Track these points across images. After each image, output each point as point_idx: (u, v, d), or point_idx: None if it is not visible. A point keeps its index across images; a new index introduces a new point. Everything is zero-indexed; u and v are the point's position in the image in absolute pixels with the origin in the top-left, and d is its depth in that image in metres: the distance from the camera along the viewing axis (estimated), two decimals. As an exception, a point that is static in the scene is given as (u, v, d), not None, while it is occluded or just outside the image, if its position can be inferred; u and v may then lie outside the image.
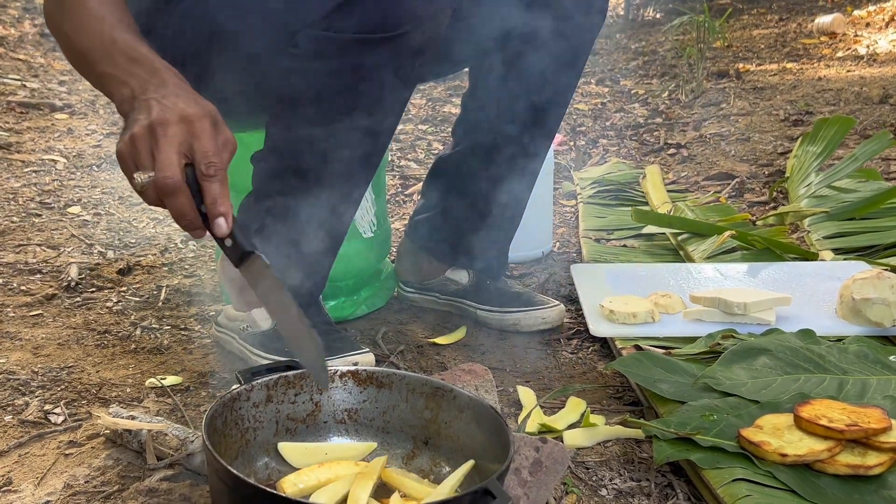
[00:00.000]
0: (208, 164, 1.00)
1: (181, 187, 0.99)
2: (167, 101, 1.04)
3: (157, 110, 1.02)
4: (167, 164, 0.99)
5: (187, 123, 1.02)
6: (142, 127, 1.01)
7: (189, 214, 1.01)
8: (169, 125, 1.01)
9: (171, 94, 1.05)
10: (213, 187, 1.00)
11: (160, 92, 1.06)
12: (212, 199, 1.00)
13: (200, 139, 1.01)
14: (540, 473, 1.11)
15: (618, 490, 1.23)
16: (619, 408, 1.46)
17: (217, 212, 1.00)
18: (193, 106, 1.04)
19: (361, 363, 1.45)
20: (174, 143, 1.00)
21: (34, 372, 1.54)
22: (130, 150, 1.02)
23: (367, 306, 1.82)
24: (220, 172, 1.00)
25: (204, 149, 1.01)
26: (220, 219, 1.00)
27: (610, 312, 1.67)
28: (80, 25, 1.16)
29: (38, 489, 1.20)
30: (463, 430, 1.04)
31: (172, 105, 1.03)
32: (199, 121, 1.03)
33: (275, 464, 1.05)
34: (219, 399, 0.99)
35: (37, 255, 2.15)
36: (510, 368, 1.61)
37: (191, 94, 1.07)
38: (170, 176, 0.98)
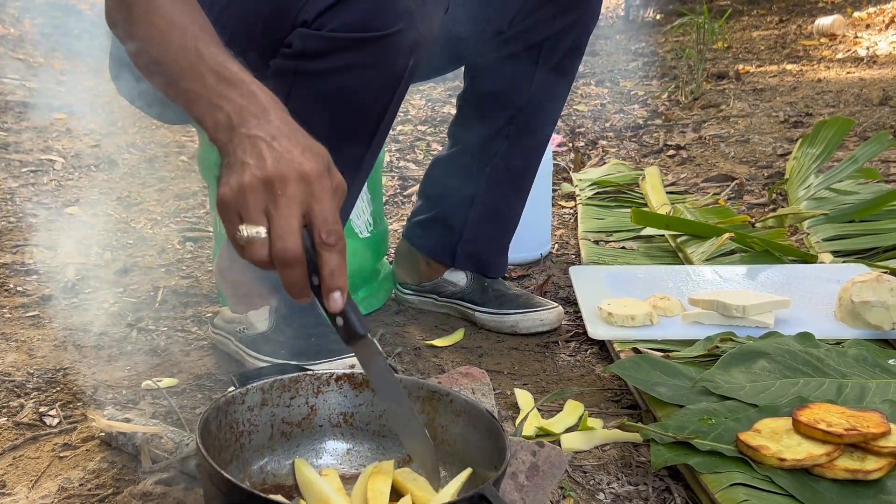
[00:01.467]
0: (329, 233, 0.89)
1: (301, 259, 0.89)
2: (280, 145, 0.92)
3: (271, 160, 0.90)
4: (288, 233, 0.88)
5: (308, 182, 0.90)
6: (255, 178, 0.90)
7: (301, 285, 0.91)
8: (288, 183, 0.89)
9: (283, 136, 0.93)
10: (332, 258, 0.90)
11: (266, 129, 0.94)
12: (329, 272, 0.90)
13: (323, 203, 0.90)
14: (537, 478, 1.10)
15: (615, 494, 1.22)
16: (617, 411, 1.45)
17: (334, 285, 0.90)
18: (311, 158, 0.92)
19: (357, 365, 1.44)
20: (294, 206, 0.89)
21: (29, 373, 1.53)
22: (239, 201, 0.90)
23: (364, 308, 1.82)
24: (341, 242, 0.90)
25: (325, 215, 0.90)
26: (336, 293, 0.91)
27: (608, 315, 1.66)
28: (155, 34, 1.03)
29: (32, 492, 1.20)
30: (459, 434, 1.04)
31: (288, 154, 0.91)
32: (319, 180, 0.91)
33: (270, 468, 1.04)
34: (213, 402, 0.99)
35: (34, 255, 2.15)
36: (508, 371, 1.60)
37: (301, 135, 0.95)
38: (290, 248, 0.88)
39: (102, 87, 4.12)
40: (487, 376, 1.27)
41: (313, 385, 1.07)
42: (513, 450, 1.07)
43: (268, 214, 0.89)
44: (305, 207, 0.90)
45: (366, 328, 0.94)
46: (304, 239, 0.90)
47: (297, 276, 0.90)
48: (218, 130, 0.96)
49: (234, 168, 0.92)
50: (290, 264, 0.89)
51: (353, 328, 0.94)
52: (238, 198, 0.90)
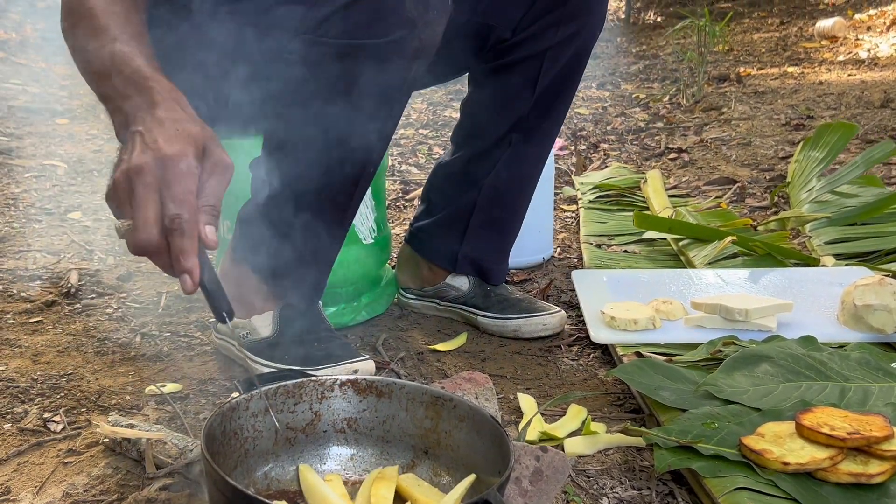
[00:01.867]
0: (171, 219, 0.91)
1: (159, 246, 0.91)
2: (150, 136, 0.94)
3: (137, 152, 0.93)
4: (142, 224, 0.91)
5: (163, 167, 0.92)
6: (122, 172, 0.93)
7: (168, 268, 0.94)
8: (144, 172, 0.92)
9: (157, 126, 0.95)
10: (175, 242, 0.91)
11: (147, 123, 0.96)
12: (175, 256, 0.92)
13: (171, 186, 0.92)
14: (540, 483, 1.10)
15: (619, 498, 1.22)
16: (620, 415, 1.45)
17: (180, 269, 0.92)
18: (175, 142, 0.94)
19: (362, 371, 1.45)
20: (150, 197, 0.92)
21: (33, 379, 1.54)
22: (112, 197, 0.95)
23: (367, 312, 1.82)
24: (183, 223, 0.91)
25: (173, 197, 0.92)
26: (184, 276, 0.93)
27: (611, 319, 1.66)
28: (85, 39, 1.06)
29: (36, 498, 1.20)
30: (463, 439, 1.04)
31: (153, 144, 0.93)
32: (174, 163, 0.92)
33: (274, 474, 1.04)
34: (217, 408, 0.99)
35: (37, 261, 2.15)
36: (511, 375, 1.60)
37: (177, 118, 0.97)
38: (144, 238, 0.91)
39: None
40: (490, 381, 1.27)
41: (317, 391, 1.08)
42: (516, 455, 1.07)
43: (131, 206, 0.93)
44: (162, 196, 0.92)
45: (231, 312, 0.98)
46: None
47: (165, 263, 0.94)
48: (120, 132, 1.00)
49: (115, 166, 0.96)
50: (150, 253, 0.93)
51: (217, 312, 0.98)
52: (111, 194, 0.95)
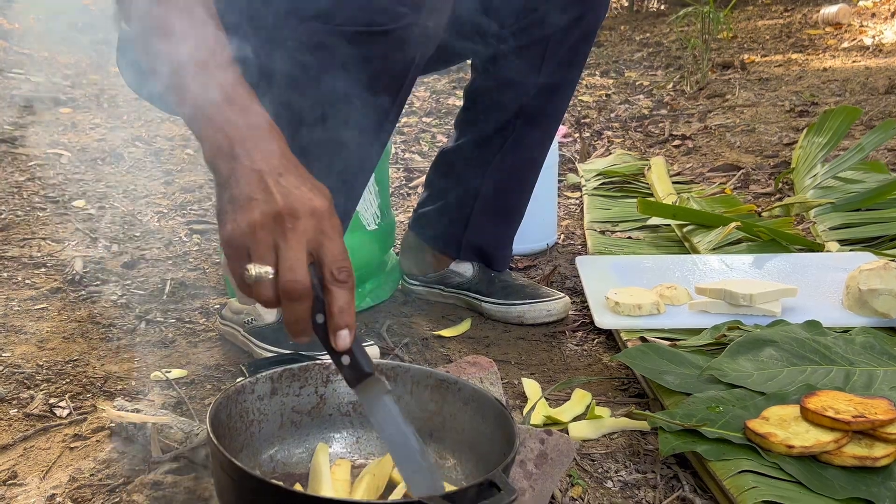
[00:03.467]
0: (340, 269, 0.88)
1: (309, 294, 0.87)
2: (286, 181, 0.90)
3: (280, 196, 0.88)
4: (297, 266, 0.86)
5: (318, 218, 0.89)
6: (265, 215, 0.87)
7: (305, 321, 0.89)
8: (299, 219, 0.88)
9: (289, 172, 0.91)
10: (342, 295, 0.88)
11: (270, 163, 0.91)
12: (339, 309, 0.88)
13: (333, 239, 0.89)
14: (545, 465, 1.10)
15: (623, 482, 1.23)
16: (625, 400, 1.45)
17: (343, 323, 0.88)
18: (319, 196, 0.90)
19: (366, 356, 1.45)
20: (303, 241, 0.87)
21: (39, 365, 1.54)
22: (248, 239, 0.87)
23: (371, 299, 1.82)
24: (351, 279, 0.89)
25: (336, 251, 0.89)
26: (344, 331, 0.89)
27: (615, 304, 1.66)
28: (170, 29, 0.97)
29: (43, 482, 1.20)
30: (468, 422, 1.04)
31: (297, 190, 0.89)
32: (329, 217, 0.90)
33: (280, 456, 1.05)
34: (223, 392, 0.99)
35: (41, 248, 2.16)
36: (515, 361, 1.61)
37: (305, 173, 0.93)
38: (299, 281, 0.86)
39: (108, 81, 4.12)
40: (495, 365, 1.27)
41: (322, 374, 1.08)
42: (521, 437, 1.08)
43: (276, 249, 0.87)
44: (315, 244, 0.89)
45: (372, 367, 0.92)
46: (312, 276, 0.88)
47: (302, 312, 0.88)
48: (217, 155, 0.92)
49: (239, 203, 0.89)
50: (297, 298, 0.87)
51: (360, 366, 0.91)
52: (247, 235, 0.88)
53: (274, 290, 0.87)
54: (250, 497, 0.85)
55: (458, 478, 1.03)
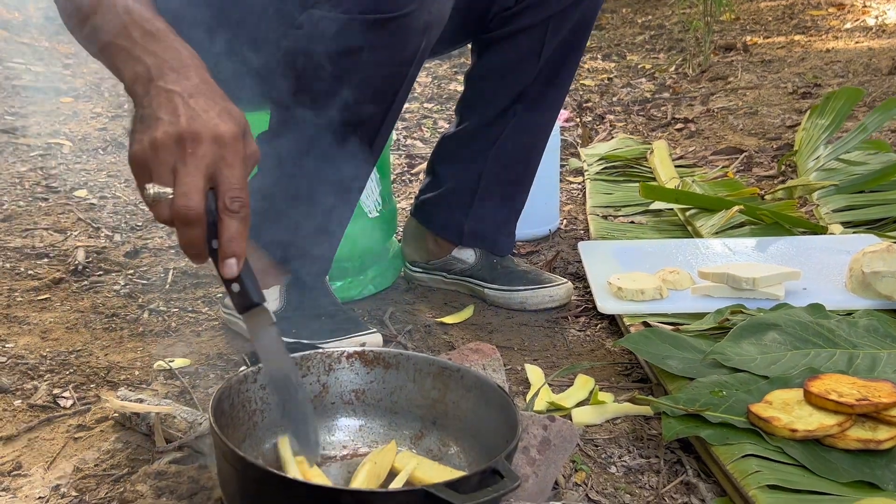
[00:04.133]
0: (233, 199, 0.89)
1: (200, 220, 0.89)
2: (196, 103, 0.91)
3: (186, 117, 0.90)
4: (192, 190, 0.88)
5: (220, 145, 0.90)
6: (167, 135, 0.89)
7: (198, 247, 0.91)
8: (200, 142, 0.89)
9: (200, 94, 0.92)
10: (232, 224, 0.90)
11: (183, 85, 0.93)
12: (228, 237, 0.90)
13: (233, 167, 0.90)
14: (548, 452, 1.10)
15: (627, 467, 1.23)
16: (628, 385, 1.45)
17: (230, 251, 0.90)
18: (227, 120, 0.92)
19: (369, 343, 1.45)
20: (202, 166, 0.89)
21: (42, 356, 1.54)
22: (150, 158, 0.90)
23: (373, 286, 1.82)
24: (244, 209, 0.90)
25: (233, 180, 0.90)
26: (231, 259, 0.91)
27: (618, 289, 1.66)
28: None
29: (47, 473, 1.21)
30: (471, 409, 1.04)
31: (204, 113, 0.91)
32: (233, 143, 0.91)
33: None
34: (226, 381, 0.99)
35: (44, 239, 2.16)
36: (518, 347, 1.61)
37: (220, 97, 0.95)
38: (192, 207, 0.88)
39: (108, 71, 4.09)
40: (498, 352, 1.27)
41: (324, 363, 1.08)
42: (524, 424, 1.08)
43: (175, 172, 0.89)
44: (214, 170, 0.90)
45: (261, 296, 0.95)
46: (209, 202, 0.90)
47: (195, 237, 0.90)
48: (135, 82, 0.96)
49: (147, 122, 0.92)
50: (189, 223, 0.89)
51: (248, 295, 0.95)
52: (149, 153, 0.90)
53: (171, 212, 0.89)
54: (253, 486, 0.85)
55: (462, 465, 1.03)
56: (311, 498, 0.82)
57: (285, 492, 0.83)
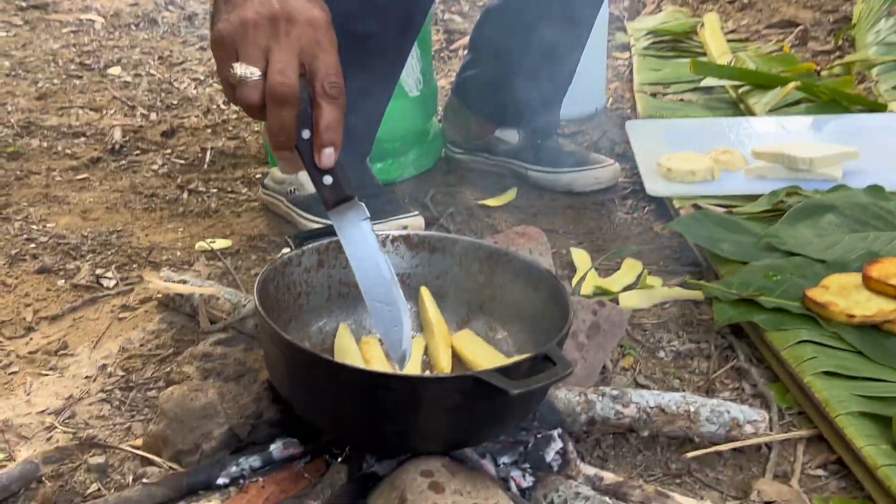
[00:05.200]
0: (332, 84, 0.84)
1: (296, 99, 0.83)
2: None
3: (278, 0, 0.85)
4: (287, 69, 0.82)
5: (315, 28, 0.85)
6: (260, 15, 0.84)
7: (289, 131, 0.85)
8: (295, 24, 0.84)
9: None
10: (332, 111, 0.84)
11: None
12: (326, 125, 0.84)
13: (328, 53, 0.85)
14: (597, 337, 1.08)
15: (676, 352, 1.21)
16: (677, 269, 1.42)
17: (329, 140, 0.85)
18: (317, 6, 0.87)
19: (411, 226, 1.42)
20: (296, 48, 0.84)
21: (83, 236, 1.54)
22: (239, 37, 0.84)
23: (414, 168, 1.78)
24: (343, 97, 0.85)
25: (329, 65, 0.84)
26: (329, 149, 0.85)
27: (667, 171, 1.60)
28: None
29: (94, 352, 1.21)
30: (518, 294, 1.01)
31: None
32: (326, 29, 0.86)
33: (329, 328, 1.03)
34: (270, 264, 0.97)
35: (80, 117, 2.13)
36: (563, 230, 1.57)
37: None
38: (289, 84, 0.82)
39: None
40: (544, 236, 1.24)
41: (369, 246, 1.05)
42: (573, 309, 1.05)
43: (267, 51, 0.84)
44: (309, 55, 0.85)
45: (353, 190, 0.90)
46: (302, 87, 0.84)
47: (287, 119, 0.85)
48: None
49: (235, 2, 0.86)
50: (285, 102, 0.83)
51: (341, 187, 0.89)
52: (238, 32, 0.85)
53: (258, 93, 0.84)
54: (301, 370, 0.84)
55: (510, 350, 1.01)
56: (359, 382, 0.80)
57: (333, 376, 0.81)
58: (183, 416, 0.92)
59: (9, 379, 1.16)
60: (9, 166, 1.84)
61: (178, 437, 0.92)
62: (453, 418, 0.82)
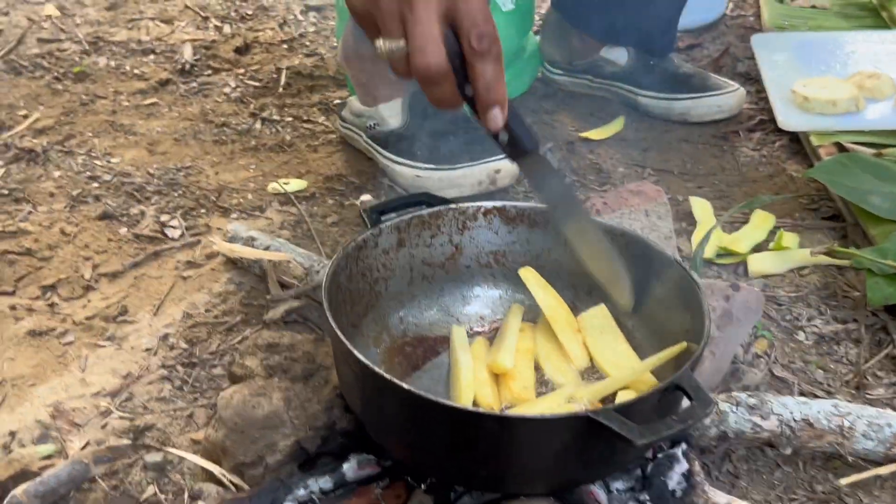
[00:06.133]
0: (481, 36, 0.73)
1: (446, 72, 0.73)
2: None
3: None
4: (427, 44, 0.73)
5: None
6: None
7: (451, 100, 0.76)
8: None
9: None
10: (487, 68, 0.74)
11: None
12: (485, 85, 0.74)
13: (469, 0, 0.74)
14: (729, 327, 0.91)
15: (818, 334, 1.03)
16: (815, 223, 1.22)
17: (491, 100, 0.75)
18: None
19: (503, 171, 1.26)
20: (432, 9, 0.73)
21: (149, 174, 1.42)
22: (371, 9, 0.75)
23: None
24: (496, 46, 0.74)
25: (475, 14, 0.74)
26: (495, 109, 0.75)
27: (803, 99, 1.39)
28: None
29: (155, 319, 1.11)
30: (637, 282, 0.84)
31: None
32: None
33: (411, 318, 0.89)
34: (342, 249, 0.82)
35: (150, 31, 1.99)
36: (678, 170, 1.38)
37: None
38: (432, 63, 0.72)
39: None
40: (664, 195, 1.05)
41: (457, 220, 0.89)
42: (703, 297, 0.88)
43: (403, 21, 0.72)
44: (448, 7, 0.72)
45: (535, 142, 0.80)
46: (450, 44, 0.73)
47: (445, 92, 0.74)
48: None
49: None
50: (433, 80, 0.73)
51: (520, 143, 0.78)
52: (369, 4, 0.74)
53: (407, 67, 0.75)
54: (375, 396, 0.70)
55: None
56: (444, 419, 0.66)
57: (412, 408, 0.67)
58: (244, 427, 0.79)
59: (63, 351, 1.06)
60: (75, 89, 1.72)
61: (238, 449, 0.80)
62: (560, 460, 0.67)
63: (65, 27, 1.99)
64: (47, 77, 1.76)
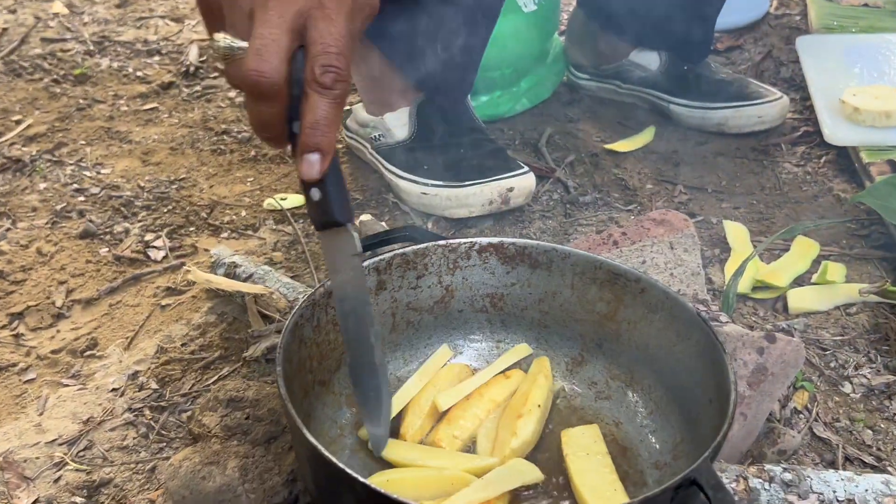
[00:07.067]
0: (326, 67, 0.61)
1: (278, 91, 0.61)
2: None
3: None
4: (268, 48, 0.61)
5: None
6: None
7: (275, 128, 0.64)
8: None
9: None
10: (321, 105, 0.62)
11: None
12: (314, 122, 0.62)
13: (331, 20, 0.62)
14: (763, 384, 0.79)
15: (867, 386, 0.90)
16: (865, 252, 1.09)
17: (315, 142, 0.62)
18: None
19: (518, 188, 1.15)
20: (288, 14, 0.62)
21: (140, 187, 1.33)
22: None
23: (528, 100, 1.47)
24: (340, 84, 0.62)
25: (328, 38, 0.62)
26: (314, 155, 0.63)
27: (853, 110, 1.26)
28: None
29: (126, 354, 1.01)
30: (654, 337, 0.73)
31: None
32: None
33: (394, 369, 0.78)
34: (308, 297, 0.71)
35: (158, 30, 1.91)
36: (713, 188, 1.25)
37: None
38: (266, 71, 0.60)
39: None
40: (691, 224, 0.93)
41: (447, 259, 0.78)
42: (731, 347, 0.76)
43: (252, 19, 0.61)
44: (305, 23, 0.62)
45: (347, 214, 0.66)
46: (296, 67, 0.62)
47: (270, 115, 0.63)
48: None
49: None
50: (261, 95, 0.61)
51: (329, 208, 0.65)
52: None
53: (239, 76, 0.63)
54: (324, 483, 0.59)
55: (641, 419, 0.73)
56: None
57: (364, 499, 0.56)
58: (192, 501, 0.69)
59: (23, 390, 0.96)
60: (73, 93, 1.64)
61: (187, 525, 0.70)
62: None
63: (71, 26, 1.92)
64: (46, 79, 1.68)
